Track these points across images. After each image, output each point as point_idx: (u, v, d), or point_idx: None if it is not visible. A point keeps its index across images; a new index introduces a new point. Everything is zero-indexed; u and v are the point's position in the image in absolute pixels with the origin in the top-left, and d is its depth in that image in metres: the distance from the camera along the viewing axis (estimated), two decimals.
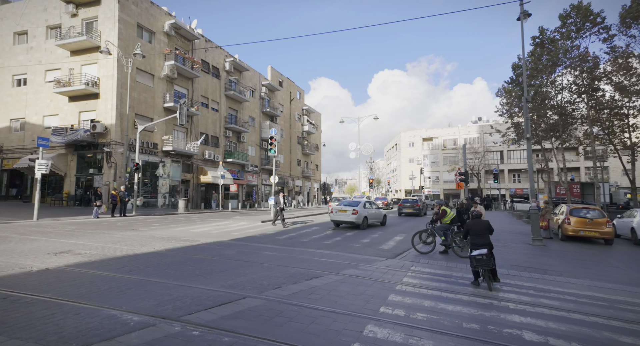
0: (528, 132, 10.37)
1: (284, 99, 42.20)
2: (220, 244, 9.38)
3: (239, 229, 13.33)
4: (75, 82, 21.10)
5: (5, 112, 23.62)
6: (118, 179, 20.99)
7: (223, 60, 30.93)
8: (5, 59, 23.51)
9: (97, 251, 7.56)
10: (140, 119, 22.42)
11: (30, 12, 22.88)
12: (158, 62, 23.73)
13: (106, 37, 20.64)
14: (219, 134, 30.52)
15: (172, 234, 11.03)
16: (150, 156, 22.98)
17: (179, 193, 25.92)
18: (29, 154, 22.47)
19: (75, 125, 21.73)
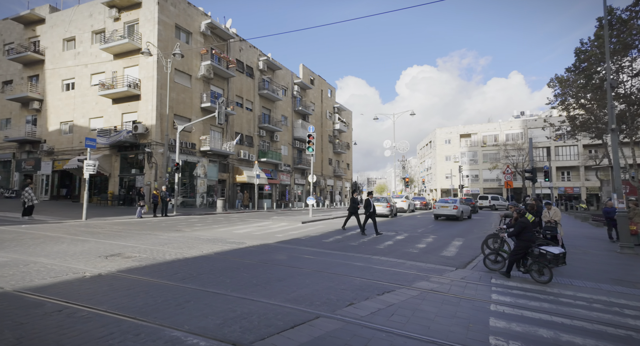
0: (613, 123, 8.94)
1: (316, 98, 41.67)
2: (268, 248, 8.87)
3: (281, 230, 12.85)
4: (118, 85, 21.69)
5: (56, 116, 24.83)
6: (159, 179, 21.34)
7: (257, 59, 30.86)
8: (56, 65, 24.70)
9: (146, 254, 7.26)
10: (179, 119, 22.70)
11: (77, 19, 23.86)
12: (195, 62, 23.93)
13: (146, 39, 21.01)
14: (253, 134, 30.50)
15: (216, 236, 10.73)
16: (188, 156, 23.23)
17: (216, 193, 26.09)
18: (77, 155, 23.46)
19: (119, 126, 22.37)
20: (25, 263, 6.03)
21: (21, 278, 5.11)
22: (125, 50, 21.56)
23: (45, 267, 5.80)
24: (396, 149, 32.25)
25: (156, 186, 20.85)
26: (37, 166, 25.34)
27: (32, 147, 25.72)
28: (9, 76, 26.75)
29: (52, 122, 24.96)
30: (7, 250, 7.14)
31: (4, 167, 27.41)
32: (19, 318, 3.60)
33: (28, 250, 7.26)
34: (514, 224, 6.70)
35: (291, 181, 36.12)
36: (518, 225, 6.44)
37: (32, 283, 4.89)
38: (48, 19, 25.05)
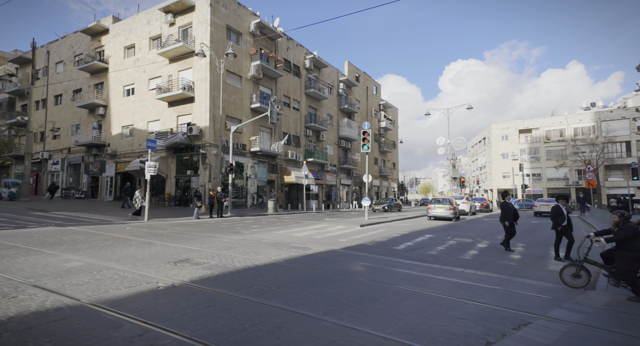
0: None
1: (361, 95, 40.47)
2: (337, 255, 8.02)
3: (341, 234, 11.99)
4: (173, 88, 22.30)
5: (118, 120, 26.30)
6: (213, 180, 21.57)
7: (303, 57, 30.45)
8: (118, 72, 26.17)
9: (215, 261, 6.75)
10: (230, 120, 22.84)
11: (136, 27, 25.05)
12: (245, 63, 23.98)
13: (199, 41, 21.35)
14: (300, 134, 30.12)
15: (276, 239, 10.16)
16: (239, 156, 23.30)
17: (266, 194, 26.00)
18: (136, 157, 24.59)
19: (174, 129, 23.02)
20: (99, 269, 5.74)
21: (96, 287, 4.72)
22: (179, 53, 22.12)
23: (118, 274, 5.45)
24: (451, 147, 30.05)
25: (210, 186, 21.08)
26: (103, 168, 27.03)
27: (98, 150, 27.49)
28: (79, 85, 28.90)
29: (115, 127, 26.46)
30: (81, 253, 7.02)
31: (75, 170, 29.68)
32: (99, 344, 3.05)
33: (99, 253, 7.09)
34: (620, 229, 5.31)
35: (337, 182, 35.29)
36: (627, 230, 5.14)
37: (107, 293, 4.46)
38: (111, 29, 26.65)
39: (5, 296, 4.18)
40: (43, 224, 11.43)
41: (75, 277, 5.17)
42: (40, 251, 6.95)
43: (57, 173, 30.56)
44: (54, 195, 25.46)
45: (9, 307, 3.80)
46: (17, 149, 31.73)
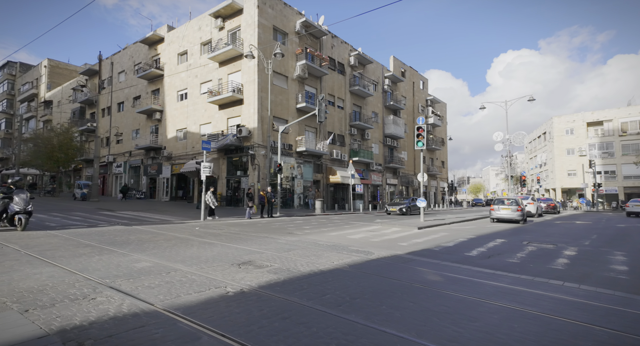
0: None
1: (407, 91, 38.91)
2: (405, 261, 7.35)
3: (399, 237, 11.26)
4: (223, 91, 22.91)
5: (172, 124, 27.72)
6: (261, 180, 21.81)
7: (348, 55, 29.89)
8: (172, 78, 27.59)
9: (277, 264, 6.45)
10: (277, 121, 22.95)
11: (189, 34, 26.22)
12: (290, 63, 23.99)
13: (248, 43, 21.70)
14: (344, 133, 29.59)
15: (332, 241, 9.74)
16: (285, 157, 23.34)
17: (311, 193, 25.82)
18: (190, 159, 25.70)
19: (225, 131, 23.67)
20: (167, 270, 5.67)
21: (167, 290, 4.58)
22: (229, 57, 22.68)
23: (186, 277, 5.31)
24: (510, 143, 27.63)
25: (259, 187, 21.33)
26: (159, 170, 28.68)
27: (155, 153, 29.24)
28: (138, 92, 31.01)
29: (170, 130, 27.93)
30: (148, 253, 7.11)
31: (135, 172, 31.89)
32: None
33: (165, 253, 7.13)
34: None
35: (383, 181, 34.21)
36: None
37: (178, 298, 4.27)
38: (166, 38, 28.20)
39: (86, 297, 4.14)
40: (111, 223, 12.11)
41: (147, 279, 5.11)
42: (112, 250, 7.15)
43: (120, 175, 33.06)
44: (125, 196, 27.37)
45: (90, 310, 3.71)
46: (87, 153, 34.86)
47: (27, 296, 4.09)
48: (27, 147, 32.75)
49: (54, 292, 4.28)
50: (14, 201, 9.34)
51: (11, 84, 53.14)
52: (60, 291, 4.31)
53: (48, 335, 3.07)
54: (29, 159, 30.69)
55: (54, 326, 3.24)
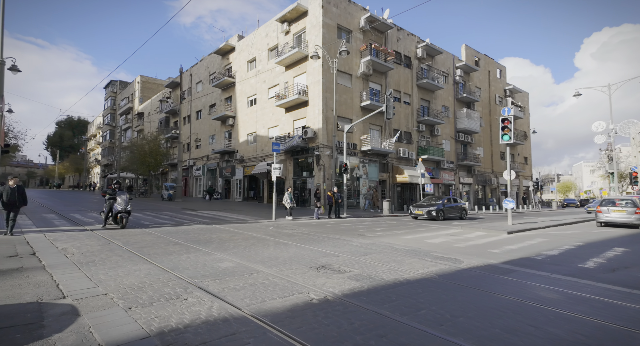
0: None
1: (481, 81, 35.58)
2: (503, 272, 6.35)
3: (487, 243, 10.02)
4: (289, 94, 23.42)
5: (243, 129, 29.31)
6: (327, 180, 21.74)
7: (415, 47, 28.38)
8: (243, 85, 29.19)
9: (357, 269, 6.05)
10: (342, 120, 22.68)
11: (257, 41, 27.48)
12: (355, 61, 23.55)
13: (313, 44, 21.86)
14: (411, 129, 28.11)
15: (409, 245, 9.02)
16: (350, 156, 22.93)
17: (376, 194, 25.00)
18: (259, 161, 26.84)
19: (291, 133, 24.18)
20: (249, 271, 5.66)
21: (252, 294, 4.47)
22: (294, 60, 23.12)
23: (267, 279, 5.20)
24: (615, 133, 23.32)
25: (325, 187, 21.28)
26: (233, 172, 30.57)
27: (229, 156, 31.24)
28: (213, 100, 33.55)
29: (241, 134, 29.57)
30: (229, 252, 7.28)
31: (212, 174, 34.52)
32: None
33: (244, 253, 7.24)
34: None
35: (455, 180, 31.73)
36: None
37: (264, 304, 4.12)
38: (237, 47, 29.99)
39: (179, 297, 4.21)
40: (194, 222, 13.01)
41: (231, 280, 5.11)
42: (198, 249, 7.49)
43: (199, 177, 36.13)
44: (212, 197, 29.74)
45: (184, 312, 3.71)
46: (171, 158, 38.84)
47: (130, 293, 4.31)
48: (125, 154, 37.75)
49: (151, 290, 4.46)
50: (117, 201, 10.51)
51: (113, 100, 62.14)
52: (156, 290, 4.48)
53: (149, 336, 3.08)
54: (126, 165, 35.28)
55: (153, 327, 3.27)
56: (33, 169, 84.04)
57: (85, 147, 69.79)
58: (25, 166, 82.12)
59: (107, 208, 10.73)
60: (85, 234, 9.26)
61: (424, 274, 5.94)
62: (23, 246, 7.17)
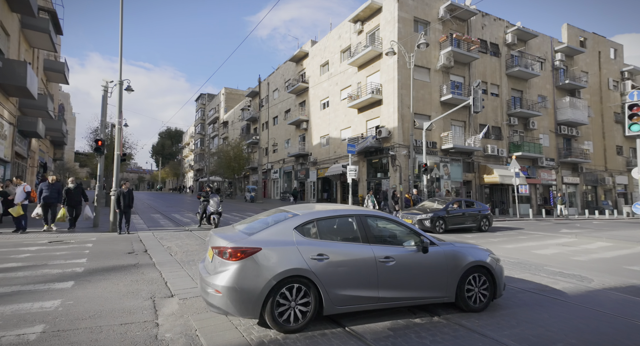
0: None
1: (589, 64, 30.19)
2: None
3: (617, 256, 8.18)
4: (362, 94, 22.97)
5: (317, 132, 29.81)
6: (403, 182, 20.69)
7: (503, 32, 25.41)
8: (316, 89, 29.75)
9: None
10: (419, 118, 21.36)
11: (329, 45, 27.74)
12: (433, 53, 22.02)
13: (387, 40, 21.10)
14: (500, 124, 25.14)
15: (512, 256, 7.79)
16: (429, 155, 21.42)
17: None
18: (332, 163, 26.93)
19: (364, 133, 23.70)
20: None
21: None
22: (367, 59, 22.63)
23: None
24: None
25: (401, 189, 20.27)
26: (307, 174, 31.32)
27: (303, 159, 32.11)
28: (288, 106, 34.96)
29: (315, 138, 30.13)
30: None
31: (288, 177, 35.94)
32: None
33: None
34: None
35: (557, 180, 27.39)
36: None
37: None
38: (310, 52, 30.74)
39: None
40: None
41: None
42: None
43: (276, 180, 37.96)
44: (296, 199, 31.01)
45: None
46: (252, 162, 41.64)
47: None
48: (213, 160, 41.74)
49: None
50: (209, 203, 11.39)
51: (202, 111, 69.65)
52: None
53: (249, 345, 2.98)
54: (214, 169, 38.97)
55: (253, 336, 3.17)
56: (142, 174, 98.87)
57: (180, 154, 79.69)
58: (136, 172, 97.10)
59: (202, 209, 11.71)
60: (185, 233, 10.18)
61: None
62: (137, 244, 8.12)
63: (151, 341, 2.97)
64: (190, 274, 5.39)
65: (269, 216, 4.04)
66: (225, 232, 3.78)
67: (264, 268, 3.13)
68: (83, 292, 4.31)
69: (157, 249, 7.49)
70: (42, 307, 3.70)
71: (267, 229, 3.51)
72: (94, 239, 8.67)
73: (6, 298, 3.99)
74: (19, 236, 8.65)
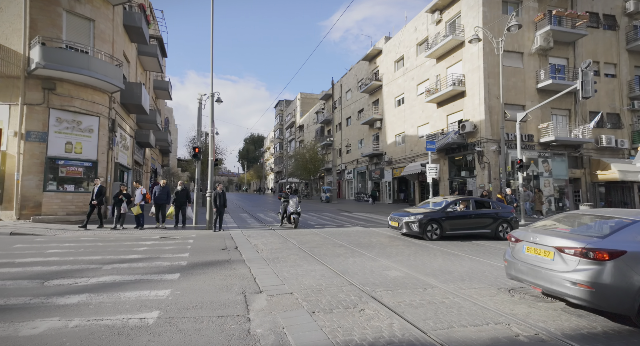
0: None
1: None
2: None
3: None
4: (442, 87, 21.49)
5: (391, 130, 28.94)
6: (493, 180, 18.70)
7: (622, 0, 21.13)
8: (390, 86, 28.93)
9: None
10: (510, 108, 19.05)
11: (404, 39, 26.71)
12: (527, 35, 19.44)
13: (469, 29, 19.37)
14: (619, 109, 20.93)
15: None
16: (524, 150, 18.89)
17: (567, 196, 19.70)
18: (409, 162, 25.77)
19: (444, 129, 22.12)
20: (422, 285, 5.06)
21: (434, 314, 3.85)
22: (447, 49, 21.11)
23: (447, 298, 4.46)
24: None
25: (491, 188, 18.31)
26: (382, 174, 30.60)
27: (377, 159, 31.49)
28: (361, 106, 34.74)
29: (389, 136, 29.28)
30: (393, 259, 6.87)
31: (362, 177, 35.67)
32: None
33: (410, 262, 6.67)
34: None
35: None
36: None
37: (453, 331, 3.43)
38: (384, 49, 30.06)
39: (355, 306, 4.04)
40: (353, 224, 13.39)
41: (405, 293, 4.65)
42: (361, 253, 7.43)
43: (350, 181, 38.02)
44: (375, 200, 30.84)
45: (364, 326, 3.47)
46: (326, 163, 42.51)
47: (310, 295, 4.45)
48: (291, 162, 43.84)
49: (328, 294, 4.49)
50: (289, 204, 11.92)
51: (280, 117, 73.92)
52: (333, 295, 4.48)
53: None
54: (292, 171, 40.87)
55: (338, 339, 3.13)
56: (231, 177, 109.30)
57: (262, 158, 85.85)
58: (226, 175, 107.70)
59: (282, 210, 12.32)
60: (269, 232, 10.83)
61: None
62: (229, 241, 8.90)
63: (244, 335, 3.16)
64: (275, 271, 5.66)
65: (590, 220, 4.69)
66: (552, 232, 4.38)
67: (634, 270, 3.48)
68: (187, 283, 4.85)
69: (245, 246, 8.09)
70: (157, 295, 4.27)
71: (617, 233, 3.84)
72: (194, 235, 9.80)
73: (132, 285, 4.72)
74: (138, 232, 10.27)
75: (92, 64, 11.88)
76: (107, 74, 12.36)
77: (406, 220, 9.67)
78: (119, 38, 14.77)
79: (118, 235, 9.54)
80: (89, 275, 5.20)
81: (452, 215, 9.80)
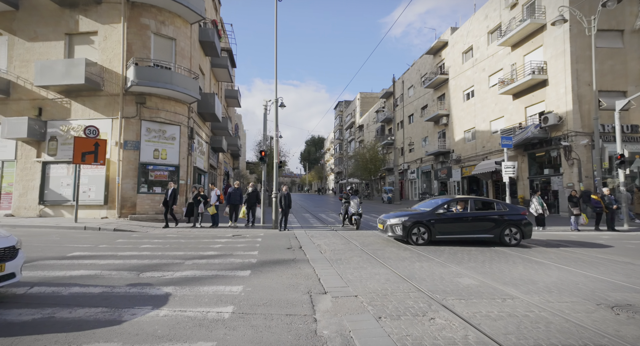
0: None
1: None
2: None
3: None
4: (519, 76, 19.43)
5: (459, 126, 27.04)
6: (584, 179, 16.31)
7: None
8: (457, 80, 27.10)
9: None
10: (606, 96, 16.41)
11: (473, 28, 24.80)
12: (628, 10, 16.62)
13: (552, 9, 17.20)
14: None
15: None
16: (627, 143, 16.11)
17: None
18: (480, 160, 23.79)
19: (522, 123, 19.97)
20: (500, 295, 4.60)
21: (516, 329, 3.47)
22: (524, 35, 19.05)
23: (531, 312, 3.98)
24: None
25: (582, 187, 16.00)
26: (449, 173, 28.76)
27: (444, 157, 29.69)
28: (425, 102, 33.14)
29: (457, 133, 27.39)
30: (465, 266, 6.38)
31: (427, 177, 33.98)
32: None
33: (485, 269, 6.13)
34: None
35: None
36: None
37: None
38: (450, 41, 28.30)
39: (425, 314, 3.84)
40: None
41: (480, 303, 4.27)
42: (429, 258, 7.05)
43: (414, 180, 36.49)
44: None
45: (435, 336, 3.27)
46: (388, 163, 41.46)
47: (376, 299, 4.36)
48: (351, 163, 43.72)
49: (394, 300, 4.35)
50: (350, 204, 11.89)
51: (340, 118, 74.31)
52: (399, 300, 4.32)
53: None
54: (352, 171, 40.75)
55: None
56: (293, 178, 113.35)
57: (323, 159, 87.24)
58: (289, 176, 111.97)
59: (344, 211, 12.34)
60: (331, 232, 10.93)
61: None
62: (293, 240, 9.21)
63: (312, 335, 3.21)
64: (338, 272, 5.67)
65: None
66: None
67: None
68: (257, 280, 5.13)
69: (309, 246, 8.28)
70: (231, 291, 4.58)
71: None
72: (262, 234, 10.36)
73: (210, 280, 5.15)
74: (214, 230, 11.21)
75: (174, 79, 13.32)
76: (187, 87, 13.76)
77: (390, 223, 8.75)
78: (196, 53, 16.32)
79: (197, 233, 10.53)
80: (174, 269, 5.82)
81: (443, 217, 8.70)
